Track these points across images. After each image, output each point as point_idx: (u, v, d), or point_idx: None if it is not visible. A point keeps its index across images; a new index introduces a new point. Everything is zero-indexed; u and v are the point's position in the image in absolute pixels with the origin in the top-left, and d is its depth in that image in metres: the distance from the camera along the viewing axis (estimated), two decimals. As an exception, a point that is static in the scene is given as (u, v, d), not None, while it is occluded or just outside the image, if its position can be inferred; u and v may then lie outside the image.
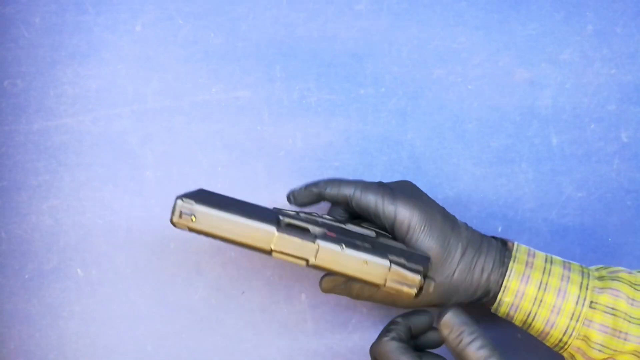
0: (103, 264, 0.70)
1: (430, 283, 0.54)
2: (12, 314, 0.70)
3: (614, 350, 0.56)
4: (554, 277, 0.58)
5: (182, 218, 0.52)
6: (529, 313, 0.59)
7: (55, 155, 0.70)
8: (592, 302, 0.57)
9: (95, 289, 0.70)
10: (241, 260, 0.71)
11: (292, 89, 0.71)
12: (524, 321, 0.60)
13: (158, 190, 0.70)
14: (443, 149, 0.71)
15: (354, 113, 0.71)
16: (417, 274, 0.51)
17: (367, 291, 0.61)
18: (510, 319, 0.61)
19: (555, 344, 0.59)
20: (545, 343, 0.61)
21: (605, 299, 0.57)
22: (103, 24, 0.70)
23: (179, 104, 0.71)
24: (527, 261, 0.59)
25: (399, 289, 0.52)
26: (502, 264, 0.60)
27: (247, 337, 0.71)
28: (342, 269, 0.52)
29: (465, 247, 0.59)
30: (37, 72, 0.70)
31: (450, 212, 0.68)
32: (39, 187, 0.70)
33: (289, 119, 0.71)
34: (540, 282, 0.58)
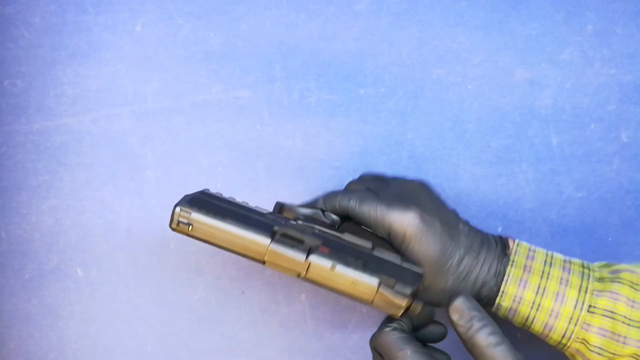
0: (103, 264, 0.70)
1: (418, 305, 0.54)
2: (12, 314, 0.70)
3: (613, 353, 0.56)
4: (553, 280, 0.58)
5: (179, 226, 0.55)
6: (527, 317, 0.59)
7: (55, 155, 0.70)
8: (590, 306, 0.57)
9: (95, 289, 0.70)
10: (241, 260, 0.70)
11: (292, 89, 0.71)
12: (523, 324, 0.60)
13: (158, 190, 0.70)
14: (443, 149, 0.71)
15: (354, 113, 0.71)
16: (404, 297, 0.53)
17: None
18: (510, 321, 0.61)
19: (555, 345, 0.60)
20: (547, 342, 0.61)
21: (604, 303, 0.56)
22: (103, 24, 0.70)
23: (179, 104, 0.71)
24: (525, 265, 0.59)
25: (386, 308, 0.54)
26: (499, 270, 0.59)
27: (247, 337, 0.71)
28: (331, 284, 0.54)
29: (463, 256, 0.59)
30: (37, 72, 0.70)
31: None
32: (39, 187, 0.70)
33: (289, 119, 0.71)
34: (538, 287, 0.58)
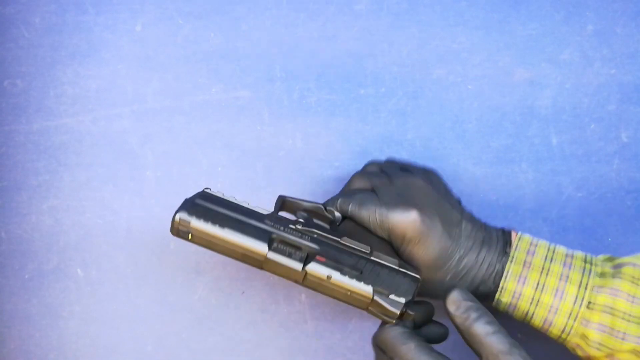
0: (103, 264, 0.70)
1: (412, 312, 0.55)
2: (12, 314, 0.70)
3: (612, 349, 0.56)
4: (552, 276, 0.58)
5: (179, 234, 0.56)
6: (526, 312, 0.59)
7: (55, 155, 0.70)
8: (590, 302, 0.57)
9: (95, 289, 0.70)
10: (241, 260, 0.71)
11: (292, 89, 0.71)
12: (523, 318, 0.60)
13: (158, 190, 0.70)
14: (443, 149, 0.71)
15: (354, 113, 0.71)
16: (398, 306, 0.54)
17: None
18: (510, 315, 0.61)
19: (556, 339, 0.60)
20: (548, 335, 0.61)
21: (604, 299, 0.57)
22: (103, 24, 0.70)
23: (179, 104, 0.71)
24: (525, 261, 0.59)
25: (380, 315, 0.55)
26: (497, 269, 0.60)
27: (247, 337, 0.71)
28: (327, 292, 0.56)
29: (462, 257, 0.60)
30: (37, 72, 0.70)
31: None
32: (39, 187, 0.70)
33: (289, 119, 0.71)
34: (538, 283, 0.58)
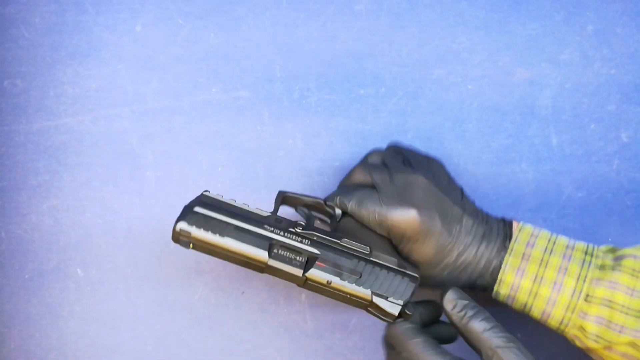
0: (103, 264, 0.70)
1: (408, 315, 0.57)
2: (12, 314, 0.70)
3: (609, 341, 0.57)
4: (551, 269, 0.58)
5: (180, 243, 0.58)
6: (525, 304, 0.60)
7: (55, 155, 0.70)
8: (588, 295, 0.57)
9: (95, 289, 0.70)
10: (241, 260, 0.71)
11: (292, 89, 0.71)
12: (522, 310, 0.61)
13: (158, 190, 0.70)
14: (443, 149, 0.71)
15: (354, 113, 0.71)
16: (396, 307, 0.57)
17: None
18: (510, 306, 0.62)
19: (555, 330, 0.60)
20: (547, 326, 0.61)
21: (602, 292, 0.57)
22: (103, 24, 0.70)
23: (179, 104, 0.71)
24: (524, 253, 0.59)
25: (379, 316, 0.58)
26: (495, 265, 0.60)
27: (247, 337, 0.71)
28: (327, 294, 0.58)
29: (462, 253, 0.60)
30: (37, 72, 0.70)
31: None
32: (39, 187, 0.70)
33: (289, 119, 0.71)
34: (536, 276, 0.59)
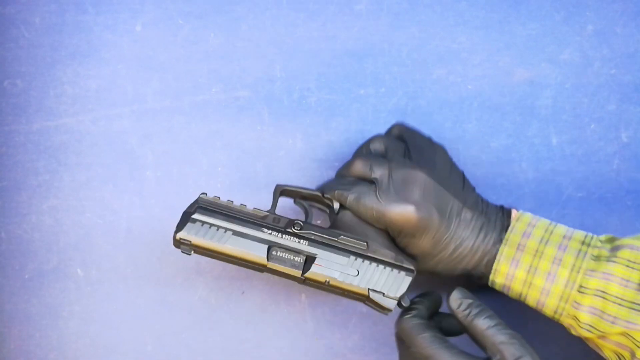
0: (103, 264, 0.70)
1: (404, 306, 0.60)
2: (12, 314, 0.70)
3: (602, 331, 0.57)
4: (545, 260, 0.59)
5: (181, 249, 0.60)
6: (520, 293, 0.61)
7: (55, 155, 0.70)
8: (581, 286, 0.58)
9: (95, 289, 0.70)
10: (241, 260, 0.71)
11: (292, 89, 0.71)
12: (518, 298, 0.61)
13: (158, 190, 0.70)
14: (443, 149, 0.71)
15: (354, 113, 0.71)
16: (392, 302, 0.59)
17: None
18: (506, 295, 0.62)
19: (551, 318, 0.61)
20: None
21: (595, 283, 0.57)
22: (103, 24, 0.70)
23: (179, 104, 0.71)
24: (519, 244, 0.60)
25: (376, 309, 0.60)
26: (489, 259, 0.61)
27: (247, 337, 0.71)
28: (326, 290, 0.61)
29: (458, 246, 0.61)
30: (37, 72, 0.70)
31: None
32: (39, 187, 0.70)
33: (289, 119, 0.71)
34: (530, 266, 0.59)
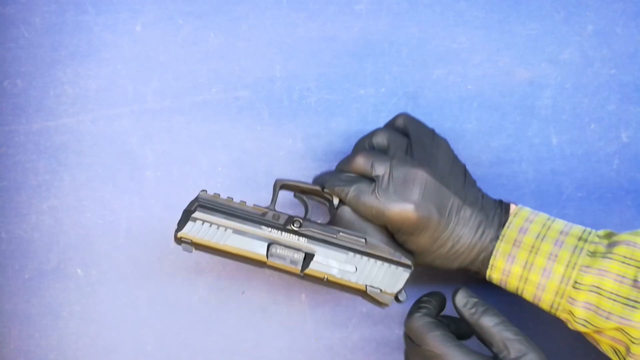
0: (103, 264, 0.70)
1: (401, 301, 0.62)
2: (12, 314, 0.70)
3: (597, 326, 0.58)
4: (541, 256, 0.59)
5: (182, 247, 0.61)
6: (516, 288, 0.61)
7: (55, 155, 0.70)
8: (576, 282, 0.58)
9: (95, 289, 0.70)
10: (241, 260, 0.71)
11: (292, 89, 0.71)
12: (515, 293, 0.62)
13: (158, 190, 0.70)
14: (443, 149, 0.71)
15: (354, 113, 0.71)
16: (389, 297, 0.61)
17: None
18: (504, 289, 0.63)
19: (548, 313, 0.61)
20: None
21: (590, 279, 0.58)
22: (103, 24, 0.70)
23: (179, 104, 0.71)
24: (515, 240, 0.60)
25: (374, 303, 0.62)
26: (485, 256, 0.61)
27: (247, 337, 0.71)
28: (324, 285, 0.61)
29: (456, 243, 0.61)
30: (37, 72, 0.70)
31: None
32: (39, 187, 0.70)
33: (289, 119, 0.71)
34: (526, 262, 0.60)
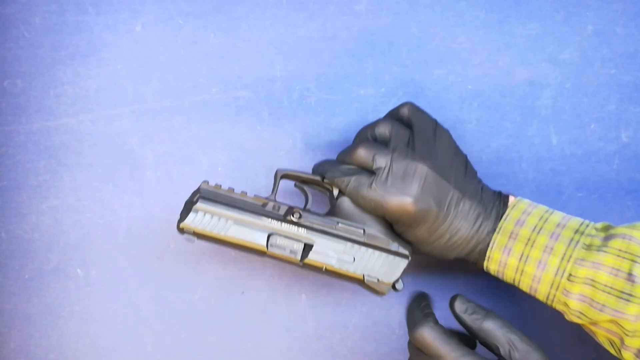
0: (103, 264, 0.70)
1: (398, 290, 0.63)
2: (12, 314, 0.70)
3: (591, 319, 0.58)
4: (537, 248, 0.60)
5: (185, 237, 0.61)
6: (513, 279, 0.61)
7: (55, 155, 0.70)
8: (570, 274, 0.58)
9: (95, 289, 0.70)
10: (241, 260, 0.71)
11: (292, 89, 0.71)
12: (512, 283, 0.62)
13: (158, 190, 0.70)
14: (443, 149, 0.71)
15: (354, 113, 0.71)
16: (386, 286, 0.62)
17: None
18: (501, 280, 0.63)
19: (545, 304, 0.62)
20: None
21: (585, 272, 0.58)
22: (103, 24, 0.70)
23: (179, 104, 0.71)
24: (512, 232, 0.60)
25: (371, 292, 0.62)
26: (482, 248, 0.62)
27: (247, 337, 0.71)
28: (323, 274, 0.62)
29: (453, 236, 0.61)
30: (37, 72, 0.70)
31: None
32: (39, 187, 0.70)
33: (289, 119, 0.71)
34: (522, 254, 0.60)
